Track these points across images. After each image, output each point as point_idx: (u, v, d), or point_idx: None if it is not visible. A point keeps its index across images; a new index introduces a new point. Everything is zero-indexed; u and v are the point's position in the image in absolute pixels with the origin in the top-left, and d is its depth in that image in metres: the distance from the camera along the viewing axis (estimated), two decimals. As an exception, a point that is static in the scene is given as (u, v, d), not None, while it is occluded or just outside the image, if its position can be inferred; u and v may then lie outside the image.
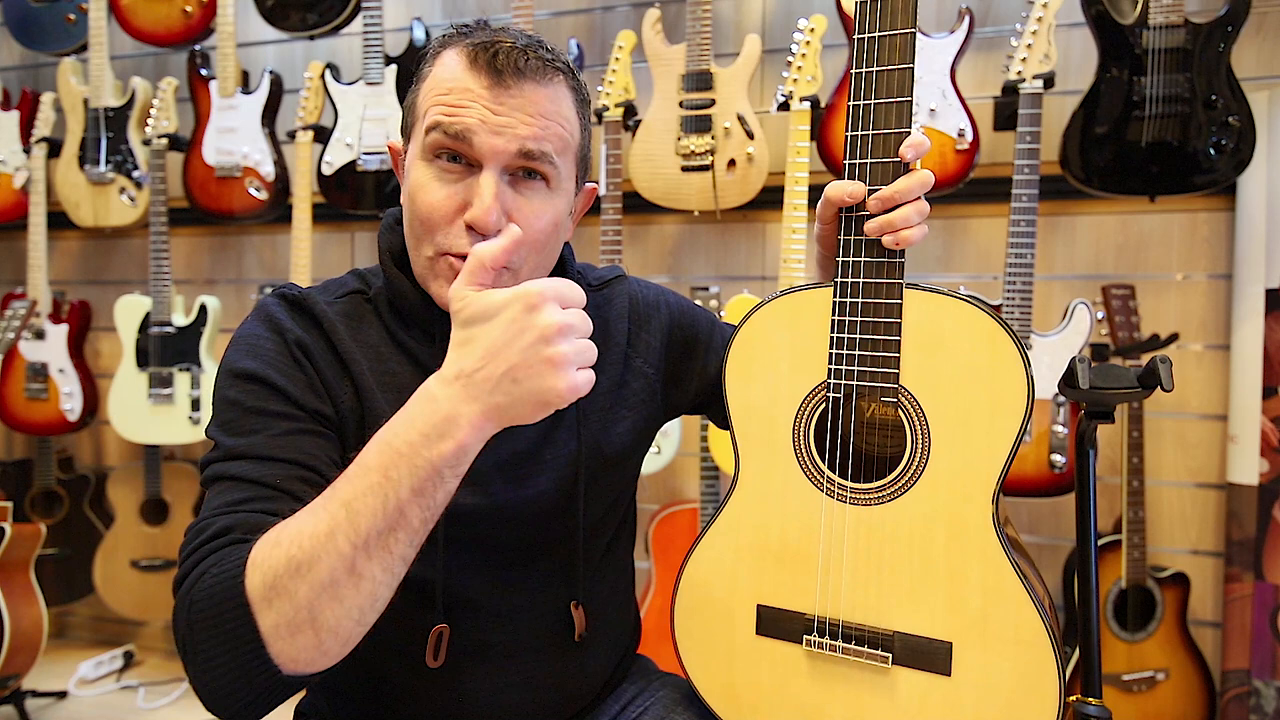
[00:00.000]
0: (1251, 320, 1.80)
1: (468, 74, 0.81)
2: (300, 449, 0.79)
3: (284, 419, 0.80)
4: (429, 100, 0.83)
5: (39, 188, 2.50)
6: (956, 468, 0.84)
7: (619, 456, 0.97)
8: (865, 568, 0.88)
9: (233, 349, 0.84)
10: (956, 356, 0.83)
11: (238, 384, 0.81)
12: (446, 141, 0.81)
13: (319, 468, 0.79)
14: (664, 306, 1.05)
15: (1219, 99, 1.68)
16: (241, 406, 0.80)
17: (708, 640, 0.96)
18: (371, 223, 2.46)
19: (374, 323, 0.89)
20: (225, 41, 2.30)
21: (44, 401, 2.50)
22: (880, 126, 0.85)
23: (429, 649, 0.88)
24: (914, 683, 0.86)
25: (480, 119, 0.80)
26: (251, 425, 0.79)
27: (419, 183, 0.83)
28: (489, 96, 0.80)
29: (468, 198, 0.81)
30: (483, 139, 0.80)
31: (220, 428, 0.80)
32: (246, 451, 0.78)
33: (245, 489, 0.76)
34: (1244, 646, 1.80)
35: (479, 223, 0.80)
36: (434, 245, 0.83)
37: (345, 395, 0.85)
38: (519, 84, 0.81)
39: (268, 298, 0.89)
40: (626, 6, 2.25)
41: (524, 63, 0.80)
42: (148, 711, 2.34)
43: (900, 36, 0.84)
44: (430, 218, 0.82)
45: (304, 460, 0.78)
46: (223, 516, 0.74)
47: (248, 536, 0.71)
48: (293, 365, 0.83)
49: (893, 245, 0.84)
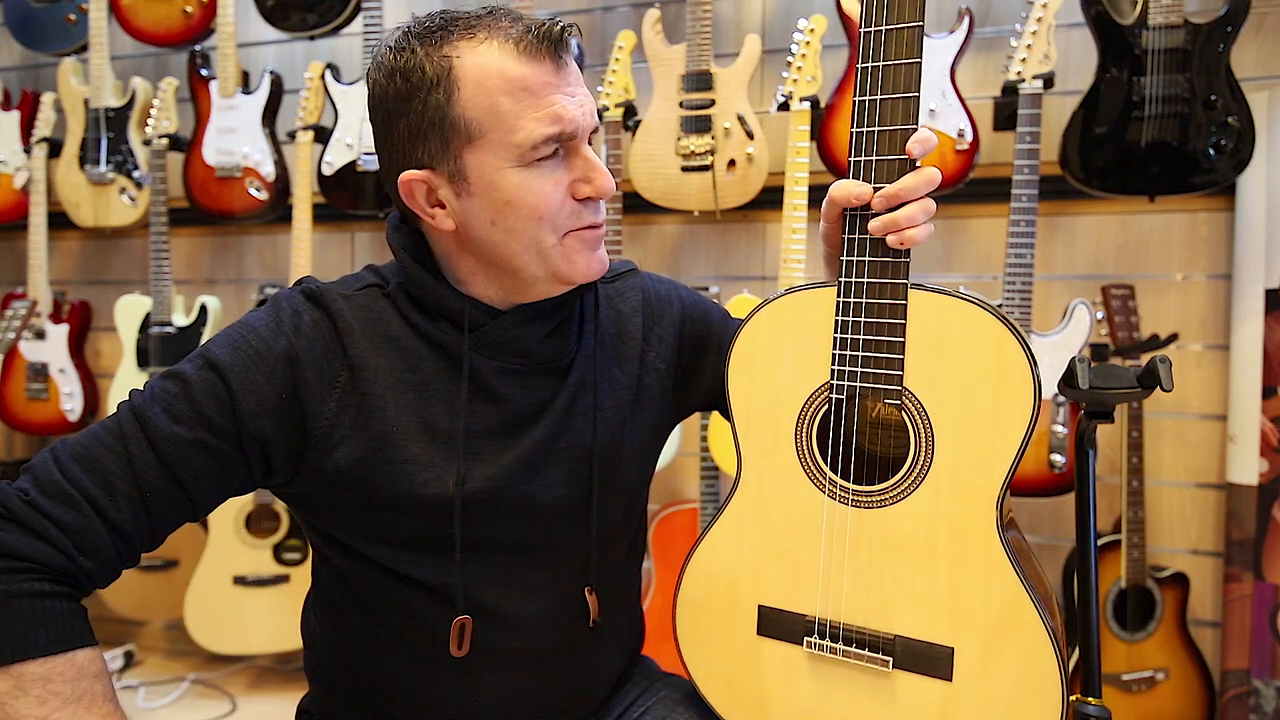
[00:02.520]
0: (1251, 320, 1.80)
1: (529, 67, 0.79)
2: (198, 470, 0.80)
3: (211, 430, 0.80)
4: (502, 108, 0.79)
5: (39, 188, 2.50)
6: (960, 471, 0.83)
7: (634, 453, 0.97)
8: (867, 570, 0.87)
9: (228, 330, 0.85)
10: (962, 358, 0.82)
11: (203, 370, 0.82)
12: (553, 143, 0.81)
13: (194, 494, 0.81)
14: (677, 301, 1.05)
15: (1219, 99, 1.68)
16: (189, 390, 0.81)
17: (709, 640, 0.96)
18: (372, 223, 2.46)
19: (393, 317, 0.88)
20: (225, 42, 2.30)
21: (44, 401, 2.50)
22: (886, 123, 0.83)
23: (453, 639, 0.88)
24: (915, 687, 0.85)
25: (564, 102, 0.80)
26: (182, 413, 0.80)
27: (523, 187, 0.81)
28: (559, 80, 0.81)
29: (570, 178, 0.83)
30: (579, 120, 0.82)
31: (162, 390, 0.81)
32: (155, 432, 0.79)
33: (126, 482, 0.78)
34: (1243, 646, 1.81)
35: (607, 190, 0.83)
36: (555, 230, 0.84)
37: (328, 409, 0.84)
38: (567, 57, 0.82)
39: (287, 290, 0.88)
40: (626, 6, 2.25)
41: (561, 33, 0.81)
42: (148, 711, 2.34)
43: (908, 30, 0.82)
44: (551, 209, 0.82)
45: (191, 482, 0.80)
46: (84, 507, 0.76)
47: (73, 558, 0.76)
48: (262, 377, 0.82)
49: (897, 244, 0.82)
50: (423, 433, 0.85)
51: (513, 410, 0.89)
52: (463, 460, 0.85)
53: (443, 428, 0.86)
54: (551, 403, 0.90)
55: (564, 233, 0.84)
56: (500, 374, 0.88)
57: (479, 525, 0.87)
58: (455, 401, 0.86)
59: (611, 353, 0.96)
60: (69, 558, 0.76)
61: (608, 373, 0.95)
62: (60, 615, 0.75)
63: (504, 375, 0.88)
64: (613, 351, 0.96)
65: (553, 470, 0.90)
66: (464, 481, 0.85)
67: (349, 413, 0.84)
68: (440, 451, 0.85)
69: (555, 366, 0.91)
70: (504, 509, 0.88)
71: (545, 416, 0.90)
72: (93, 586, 0.80)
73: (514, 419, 0.89)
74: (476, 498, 0.86)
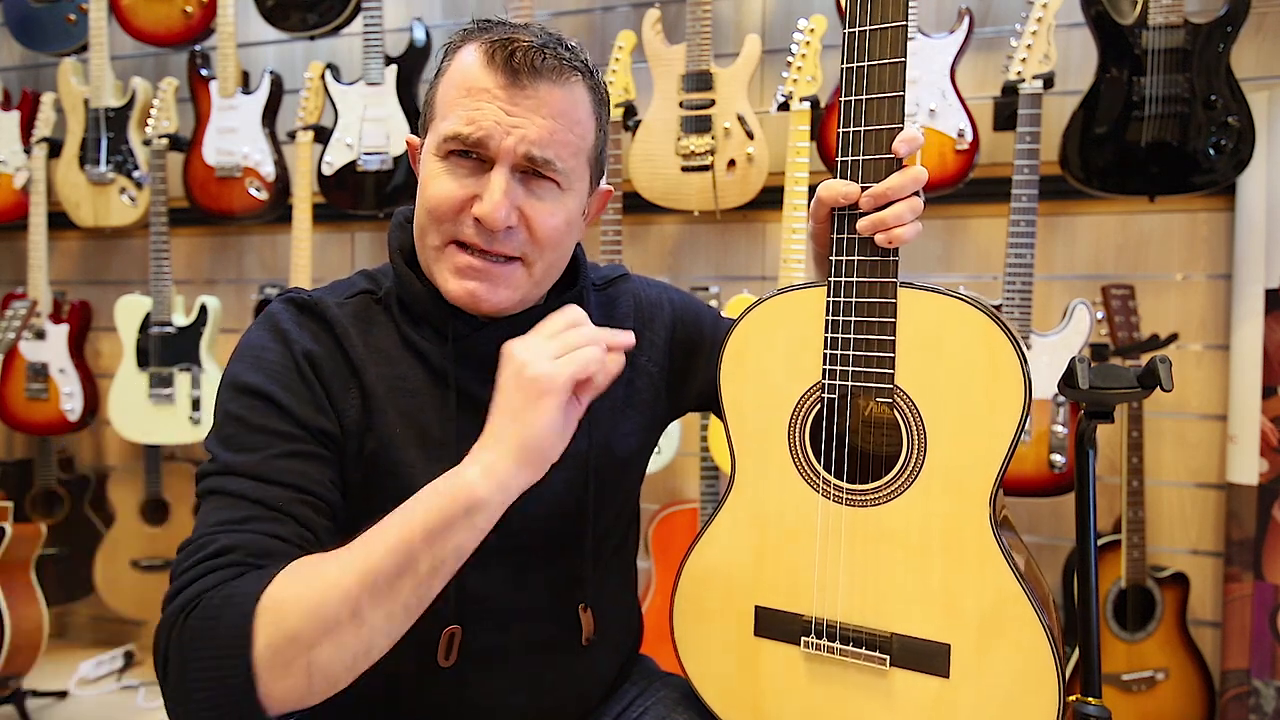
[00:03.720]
0: (1251, 320, 1.80)
1: (484, 72, 0.81)
2: (301, 472, 0.78)
3: (286, 439, 0.79)
4: (447, 98, 0.83)
5: (39, 188, 2.50)
6: (953, 468, 0.83)
7: (627, 456, 0.98)
8: (862, 569, 0.87)
9: (238, 359, 0.84)
10: (952, 355, 0.82)
11: (241, 399, 0.80)
12: (460, 144, 0.81)
13: (319, 492, 0.79)
14: (668, 305, 1.06)
15: (1218, 99, 1.68)
16: (244, 422, 0.79)
17: (707, 641, 0.96)
18: (371, 223, 2.46)
19: (384, 324, 0.88)
20: (225, 42, 2.30)
21: (44, 401, 2.50)
22: (873, 122, 0.83)
23: (440, 649, 0.88)
24: (912, 684, 0.85)
25: (495, 120, 0.80)
26: (253, 443, 0.78)
27: (432, 174, 0.83)
28: (504, 96, 0.80)
29: (478, 192, 0.82)
30: (496, 140, 0.80)
31: (221, 442, 0.80)
32: (246, 469, 0.77)
33: (244, 508, 0.75)
34: (1243, 646, 1.80)
35: (487, 218, 0.80)
36: (440, 234, 0.83)
37: (351, 406, 0.84)
38: (534, 84, 0.81)
39: (276, 303, 0.88)
40: (626, 6, 2.25)
41: (540, 62, 0.80)
42: (148, 711, 2.35)
43: (891, 30, 0.83)
44: (439, 208, 0.82)
45: (304, 485, 0.78)
46: (223, 534, 0.73)
47: (249, 560, 0.71)
48: (298, 380, 0.82)
49: (885, 243, 0.83)
50: (418, 439, 0.86)
51: None
52: None
53: (434, 435, 0.86)
54: None
55: (448, 240, 0.83)
56: (485, 384, 0.88)
57: None
58: (443, 410, 0.87)
59: None
60: (246, 567, 0.71)
61: None
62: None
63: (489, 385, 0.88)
64: None
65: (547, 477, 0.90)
66: None
67: (361, 413, 0.85)
68: (434, 459, 0.85)
69: None
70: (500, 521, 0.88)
71: None
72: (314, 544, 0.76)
73: None
74: None
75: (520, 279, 0.85)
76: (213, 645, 0.67)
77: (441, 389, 0.87)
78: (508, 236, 0.83)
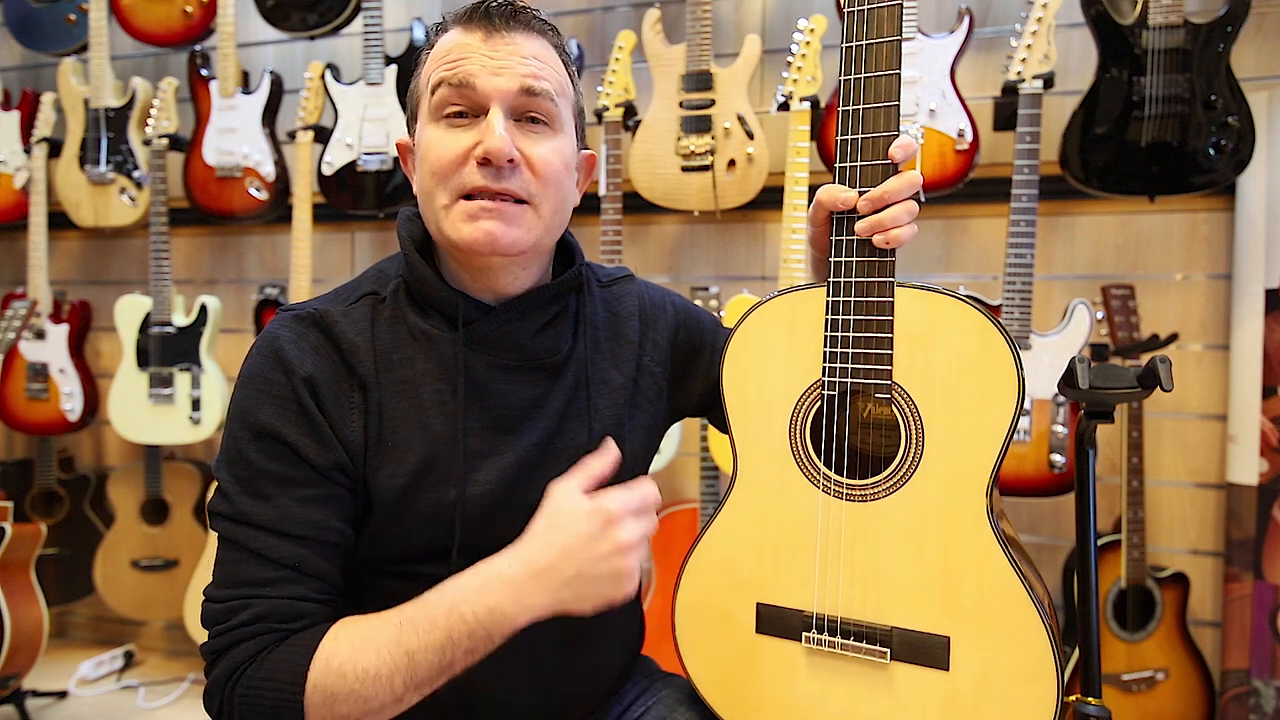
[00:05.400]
0: (1251, 320, 1.80)
1: (463, 34, 0.85)
2: (315, 521, 0.81)
3: (299, 485, 0.81)
4: (431, 70, 0.86)
5: (39, 188, 2.50)
6: (950, 461, 0.85)
7: (632, 455, 0.98)
8: (862, 564, 0.88)
9: (245, 388, 0.83)
10: (947, 352, 0.84)
11: (253, 442, 0.81)
12: (452, 95, 0.83)
13: (333, 539, 0.83)
14: (670, 308, 1.07)
15: (1218, 99, 1.68)
16: (257, 468, 0.81)
17: (708, 639, 0.96)
18: (372, 223, 2.46)
19: (390, 322, 0.88)
20: (225, 42, 2.30)
21: (44, 401, 2.50)
22: (870, 130, 0.87)
23: None
24: (912, 677, 0.86)
25: (480, 65, 0.83)
26: (267, 489, 0.80)
27: (430, 141, 0.85)
28: (485, 46, 0.84)
29: (478, 139, 0.83)
30: (485, 81, 0.83)
31: (235, 480, 0.81)
32: (264, 522, 0.80)
33: (269, 569, 0.79)
34: (1243, 646, 1.80)
35: (493, 151, 0.81)
36: (448, 191, 0.84)
37: (352, 426, 0.84)
38: (510, 31, 0.84)
39: (277, 321, 0.87)
40: (626, 6, 2.25)
41: (513, 14, 0.85)
42: (148, 711, 2.35)
43: (886, 45, 0.87)
44: (441, 162, 0.84)
45: (319, 535, 0.81)
46: (255, 600, 0.78)
47: (282, 627, 0.78)
48: (301, 414, 0.82)
49: (883, 244, 0.86)
50: (423, 440, 0.86)
51: (503, 406, 0.89)
52: (463, 465, 0.86)
53: (439, 431, 0.86)
54: (544, 402, 0.91)
55: (457, 195, 0.84)
56: (490, 369, 0.89)
57: (478, 531, 0.87)
58: (448, 403, 0.87)
59: (607, 355, 0.97)
60: (279, 633, 0.79)
61: (604, 375, 0.96)
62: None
63: (494, 370, 0.89)
64: (608, 354, 0.97)
65: (551, 474, 0.90)
66: (464, 489, 0.86)
67: (354, 430, 0.84)
68: (440, 458, 0.86)
69: (547, 364, 0.92)
70: (503, 514, 0.88)
71: (538, 417, 0.90)
72: (325, 623, 0.81)
73: (504, 417, 0.89)
74: (476, 504, 0.87)
75: (531, 220, 0.86)
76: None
77: (446, 377, 0.88)
78: (513, 174, 0.84)
